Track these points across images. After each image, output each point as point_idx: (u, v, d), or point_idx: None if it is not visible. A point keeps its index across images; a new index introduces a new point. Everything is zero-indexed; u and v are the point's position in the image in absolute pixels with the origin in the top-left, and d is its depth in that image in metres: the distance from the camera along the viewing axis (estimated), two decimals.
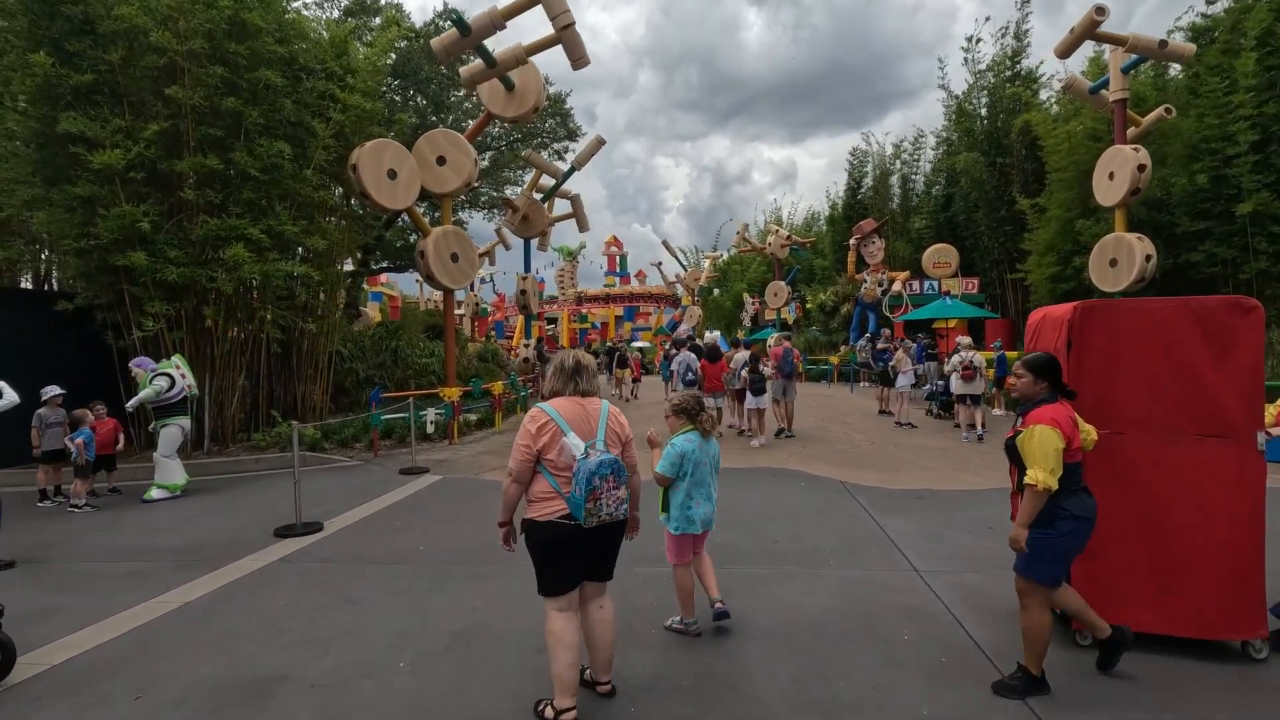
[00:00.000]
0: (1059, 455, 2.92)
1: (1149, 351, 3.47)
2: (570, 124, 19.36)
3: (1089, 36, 12.67)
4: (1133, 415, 3.50)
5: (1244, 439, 3.38)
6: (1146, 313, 3.51)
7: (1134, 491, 3.49)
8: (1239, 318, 3.38)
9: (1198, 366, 3.41)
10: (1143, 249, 12.59)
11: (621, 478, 2.82)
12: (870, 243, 24.51)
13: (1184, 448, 3.44)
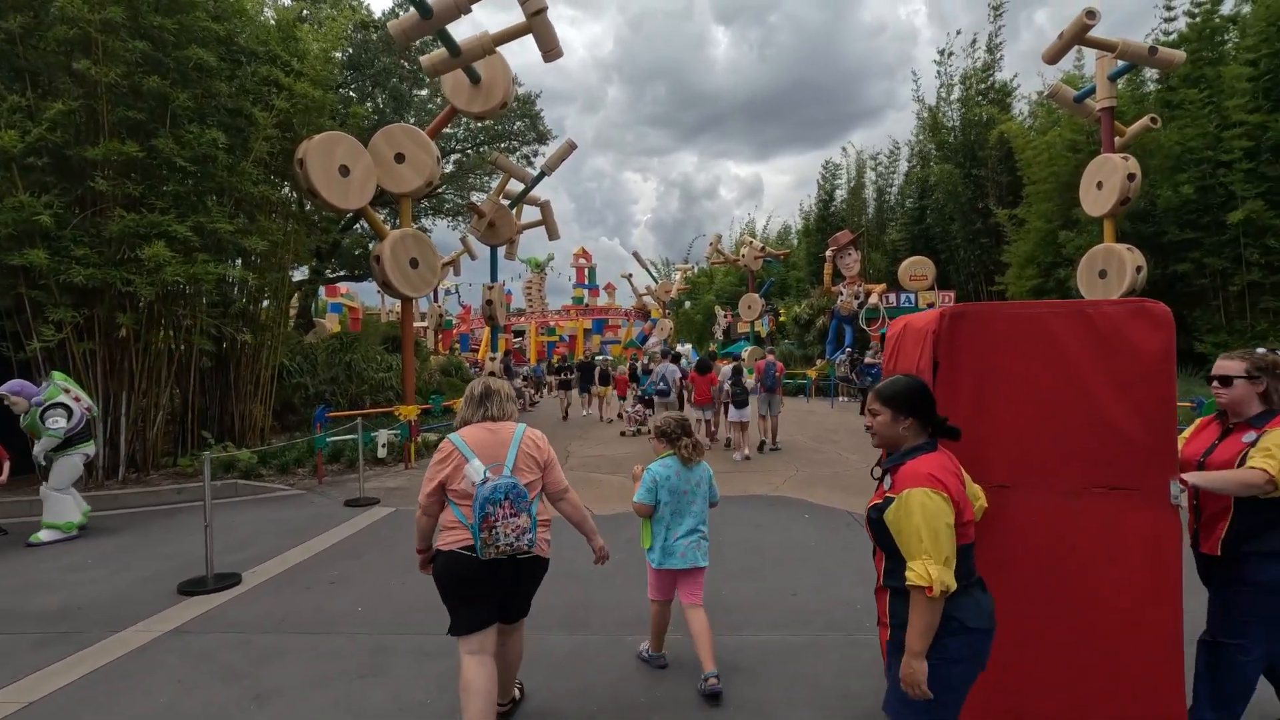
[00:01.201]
0: (951, 534, 1.95)
1: (1038, 374, 2.60)
2: (540, 126, 18.49)
3: (1078, 41, 12.32)
4: (1019, 462, 2.60)
5: (1154, 491, 2.54)
6: (1033, 322, 2.61)
7: (1024, 570, 2.56)
8: (1148, 330, 2.53)
9: (1097, 395, 2.55)
10: (1133, 260, 12.21)
11: (520, 504, 2.61)
12: (846, 255, 24.09)
13: (1083, 505, 2.56)
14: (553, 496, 2.95)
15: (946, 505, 1.95)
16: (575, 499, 3.01)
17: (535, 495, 2.80)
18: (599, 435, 13.64)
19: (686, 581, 3.39)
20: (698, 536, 3.40)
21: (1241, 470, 2.44)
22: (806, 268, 31.08)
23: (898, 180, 29.02)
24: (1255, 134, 12.42)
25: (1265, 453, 2.41)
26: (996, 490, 2.55)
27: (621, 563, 4.47)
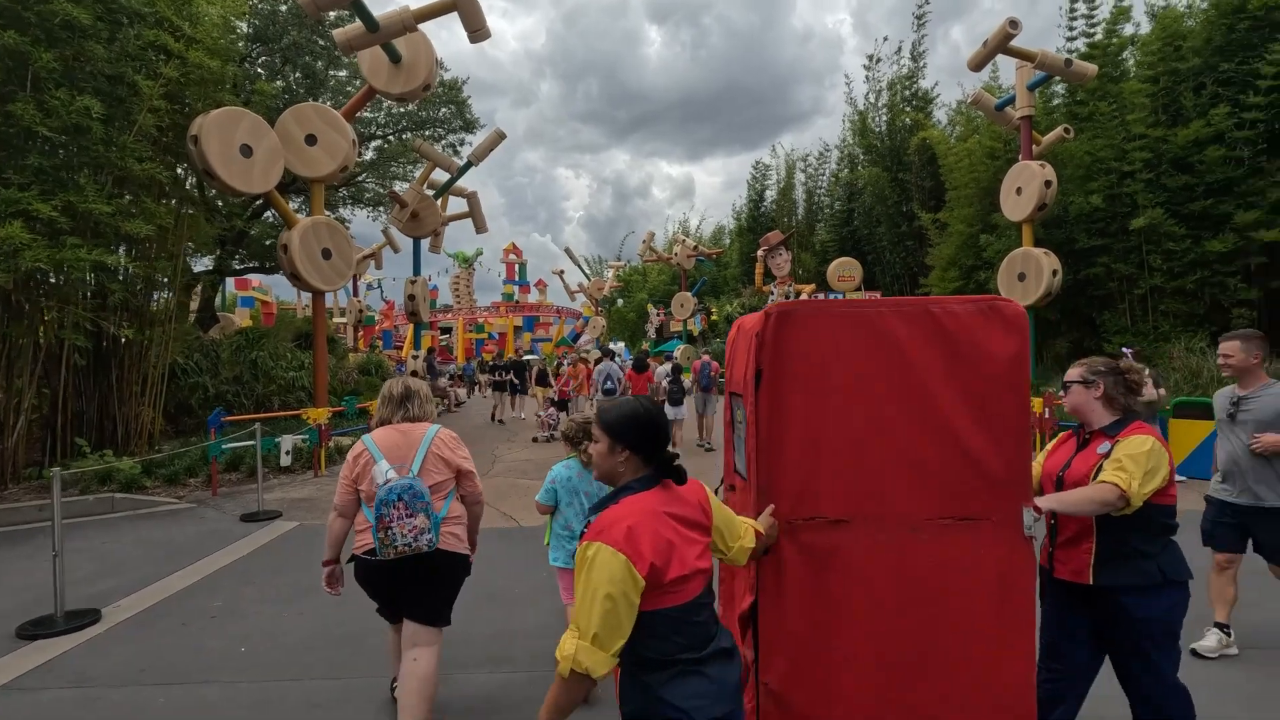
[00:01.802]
0: (616, 608, 1.52)
1: (877, 385, 2.18)
2: (467, 114, 17.68)
3: (1002, 50, 12.70)
4: (855, 491, 2.19)
5: (1006, 521, 2.17)
6: (871, 323, 2.18)
7: (864, 620, 2.16)
8: (999, 333, 2.16)
9: (944, 409, 2.17)
10: (1050, 264, 12.69)
11: (416, 505, 2.62)
12: (777, 254, 24.31)
13: (927, 541, 2.17)
14: (468, 501, 2.97)
15: (625, 572, 1.53)
16: (479, 514, 3.04)
17: (446, 495, 2.83)
18: (528, 438, 13.09)
19: None
20: None
21: (1093, 486, 2.29)
22: (739, 267, 31.31)
23: (826, 182, 29.62)
24: (1155, 146, 13.13)
25: (1117, 465, 2.27)
26: (830, 527, 2.16)
27: (547, 582, 4.05)
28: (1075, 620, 2.50)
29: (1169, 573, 2.35)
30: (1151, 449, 2.28)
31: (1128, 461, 2.25)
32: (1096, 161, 13.87)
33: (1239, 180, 12.42)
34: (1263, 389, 3.59)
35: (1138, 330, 13.36)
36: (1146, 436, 2.32)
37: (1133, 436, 2.34)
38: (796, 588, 2.14)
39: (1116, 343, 13.49)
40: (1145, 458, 2.26)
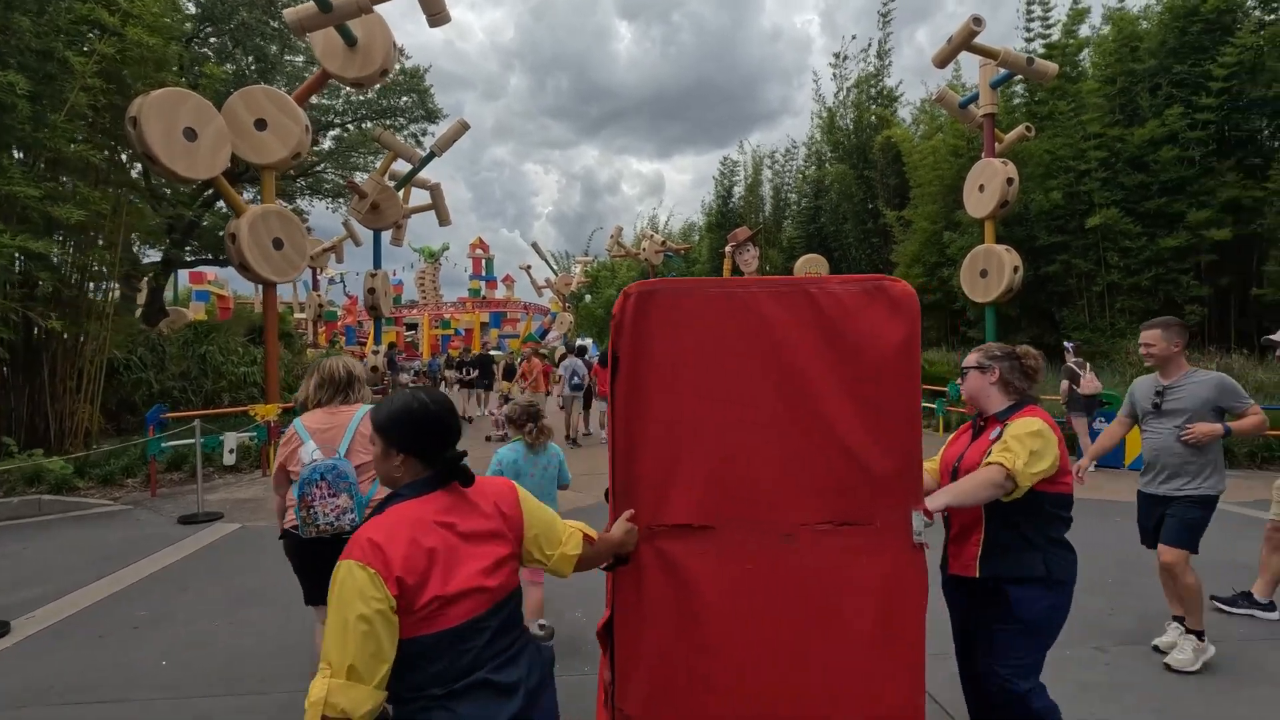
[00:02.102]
0: (371, 629, 1.30)
1: (749, 373, 1.94)
2: (430, 103, 17.23)
3: (965, 47, 12.81)
4: (722, 493, 1.94)
5: (893, 525, 1.94)
6: (743, 304, 1.93)
7: (730, 641, 1.91)
8: (885, 316, 1.92)
9: (823, 400, 1.93)
10: (1011, 260, 12.85)
11: (340, 485, 2.66)
12: (745, 250, 24.25)
13: (803, 549, 1.93)
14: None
15: (372, 586, 1.30)
16: None
17: (374, 477, 2.80)
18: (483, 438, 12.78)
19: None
20: None
21: (979, 470, 2.17)
22: (709, 263, 31.27)
23: (793, 178, 29.73)
24: (1112, 145, 13.38)
25: (1003, 446, 2.17)
26: (695, 534, 1.91)
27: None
28: (975, 618, 2.40)
29: (1053, 569, 2.24)
30: (1039, 430, 2.18)
31: (1013, 442, 2.15)
32: (1056, 160, 14.10)
33: (1191, 180, 12.73)
34: (1186, 377, 3.53)
35: (1095, 326, 13.61)
36: (1035, 418, 2.22)
37: (1020, 418, 2.25)
38: (657, 602, 1.89)
39: (1076, 338, 13.75)
40: (1031, 438, 2.15)
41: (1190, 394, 3.47)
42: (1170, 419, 3.51)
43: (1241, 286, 13.37)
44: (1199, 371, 3.54)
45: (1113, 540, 5.42)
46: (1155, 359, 3.57)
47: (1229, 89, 12.37)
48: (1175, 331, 3.52)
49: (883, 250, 22.15)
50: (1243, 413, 3.43)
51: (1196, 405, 3.44)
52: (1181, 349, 3.55)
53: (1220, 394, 3.42)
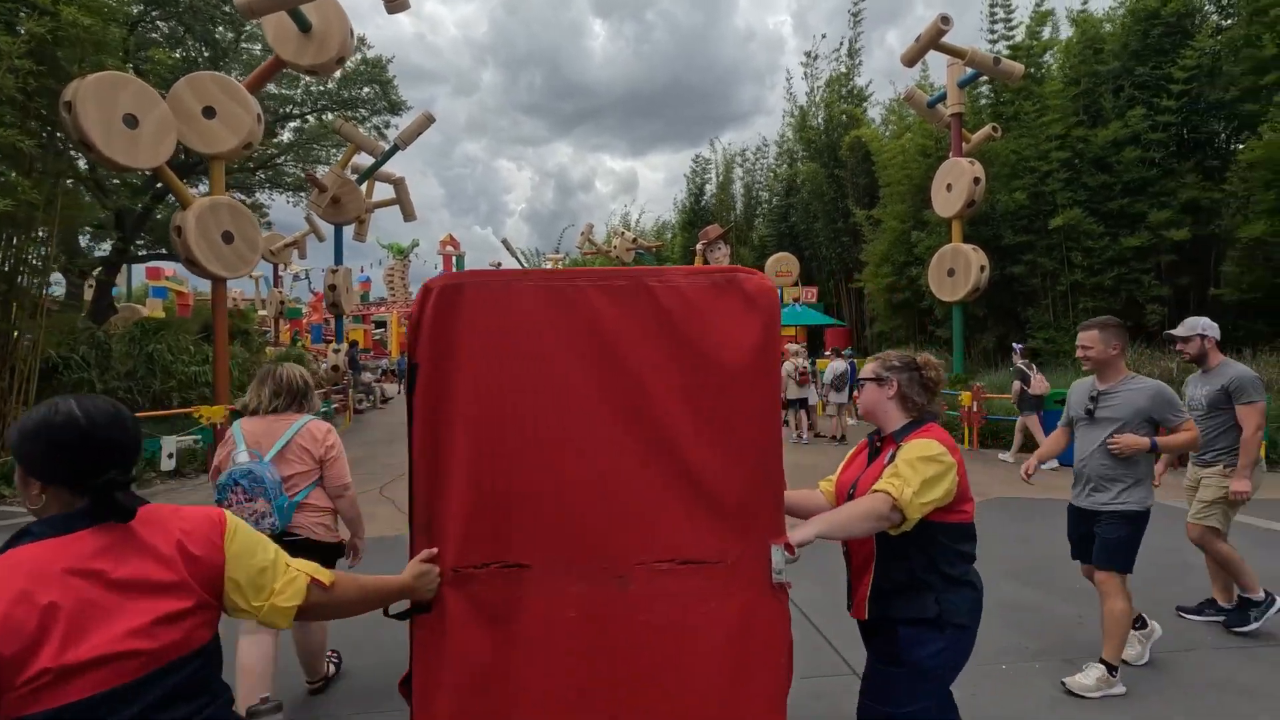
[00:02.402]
0: None
1: (574, 384, 1.63)
2: (393, 95, 16.79)
3: (933, 46, 12.83)
4: (540, 527, 1.62)
5: (746, 562, 1.63)
6: (568, 301, 1.63)
7: (553, 695, 1.61)
8: (738, 313, 1.64)
9: (663, 414, 1.63)
10: (978, 259, 12.93)
11: (256, 490, 2.69)
12: (716, 249, 24.21)
13: (638, 593, 1.62)
14: (331, 493, 2.98)
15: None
16: (352, 498, 3.06)
17: (307, 484, 2.88)
18: None
19: None
20: None
21: (863, 499, 1.84)
22: (682, 261, 31.17)
23: (764, 177, 29.78)
24: (1075, 146, 13.53)
25: (892, 471, 1.84)
26: (509, 576, 1.60)
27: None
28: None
29: (948, 611, 1.91)
30: (935, 454, 1.85)
31: (904, 467, 1.83)
32: (1021, 160, 14.21)
33: (1152, 181, 12.91)
34: (1122, 384, 3.23)
35: (1059, 326, 13.75)
36: (931, 440, 1.91)
37: (916, 439, 1.93)
38: (462, 656, 1.59)
39: (1040, 338, 13.88)
40: (925, 463, 1.83)
41: (1125, 402, 3.18)
42: (1102, 428, 3.23)
43: (1200, 287, 13.62)
44: (1137, 378, 3.24)
45: None
46: (1092, 362, 3.27)
47: (1189, 91, 12.57)
48: (1114, 333, 3.22)
49: (852, 249, 22.24)
50: (1176, 426, 3.13)
51: (1129, 415, 3.15)
52: (1121, 352, 3.25)
53: (1154, 404, 3.13)
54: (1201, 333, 3.79)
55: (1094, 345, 3.23)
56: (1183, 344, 3.88)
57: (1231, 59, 12.44)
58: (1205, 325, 3.81)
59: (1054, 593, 4.43)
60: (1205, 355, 3.83)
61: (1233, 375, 3.69)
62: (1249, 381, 3.65)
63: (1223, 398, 3.69)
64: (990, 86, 16.23)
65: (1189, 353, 3.86)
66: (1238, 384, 3.64)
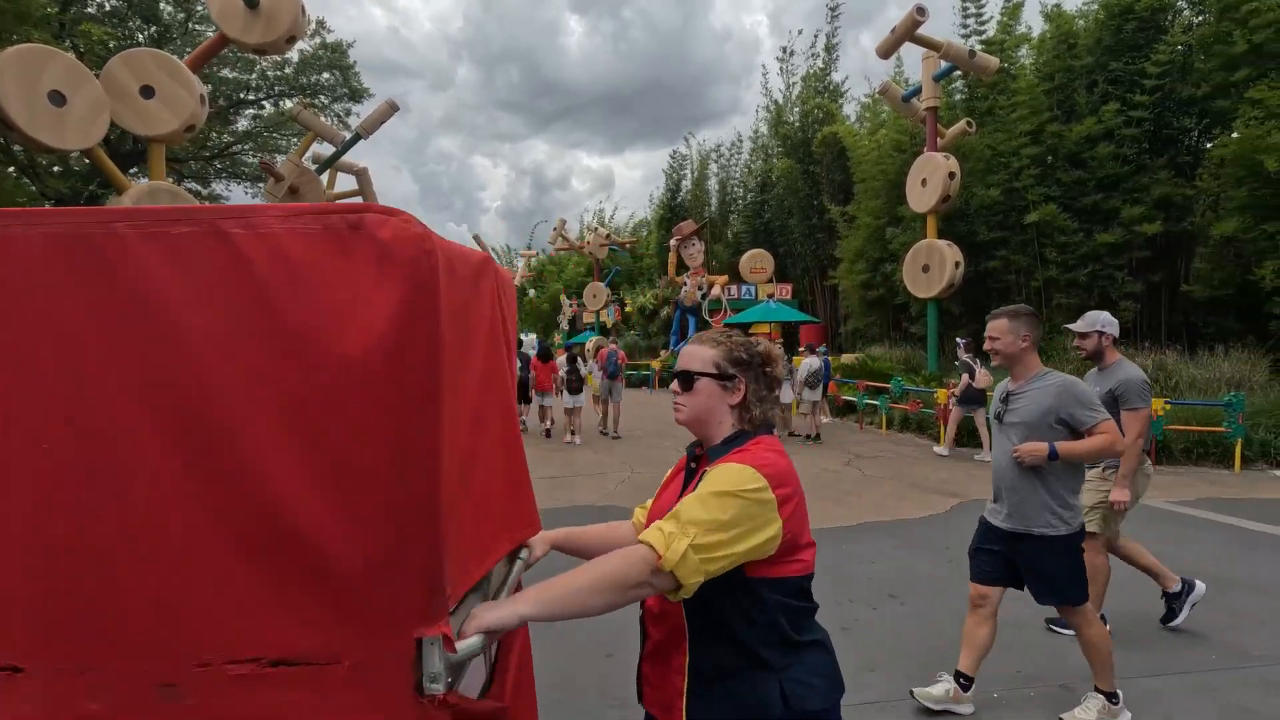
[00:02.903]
0: None
1: (104, 384, 1.01)
2: (354, 82, 16.15)
3: (909, 37, 12.64)
4: (41, 607, 1.03)
5: (375, 664, 1.04)
6: (98, 258, 1.00)
7: None
8: (368, 274, 1.01)
9: (242, 432, 1.01)
10: (953, 255, 12.77)
11: None
12: (690, 245, 23.93)
13: (200, 709, 1.03)
14: None
15: None
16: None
17: None
18: None
19: None
20: None
21: (614, 555, 1.22)
22: (657, 257, 30.83)
23: (739, 173, 29.55)
24: (1049, 141, 13.44)
25: (672, 514, 1.24)
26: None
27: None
28: None
29: (794, 698, 1.30)
30: (744, 489, 1.24)
31: (692, 505, 1.24)
32: (995, 156, 14.09)
33: (1125, 177, 12.86)
34: (1031, 381, 2.81)
35: None
36: (746, 466, 1.28)
37: (727, 464, 1.30)
38: None
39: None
40: (725, 501, 1.22)
41: (1032, 402, 2.76)
42: (1011, 434, 2.81)
43: (1171, 283, 13.63)
44: (1050, 374, 2.80)
45: None
46: (1000, 356, 2.85)
47: (1162, 87, 12.53)
48: (1025, 322, 2.79)
49: (827, 245, 22.10)
50: (1091, 428, 2.68)
51: (1036, 417, 2.73)
52: (1032, 344, 2.82)
53: (1062, 401, 2.69)
54: (1100, 329, 3.52)
55: (1001, 336, 2.81)
56: (1080, 339, 3.63)
57: (1202, 56, 12.43)
58: (1105, 321, 3.54)
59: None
60: (1102, 353, 3.59)
61: (1121, 378, 3.44)
62: (1135, 387, 3.41)
63: (1110, 400, 3.45)
64: (964, 81, 16.13)
65: (1086, 349, 3.61)
66: (1124, 388, 3.40)
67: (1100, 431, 2.66)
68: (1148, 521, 5.98)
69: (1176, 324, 13.51)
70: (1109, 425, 2.68)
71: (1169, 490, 7.25)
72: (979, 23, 15.27)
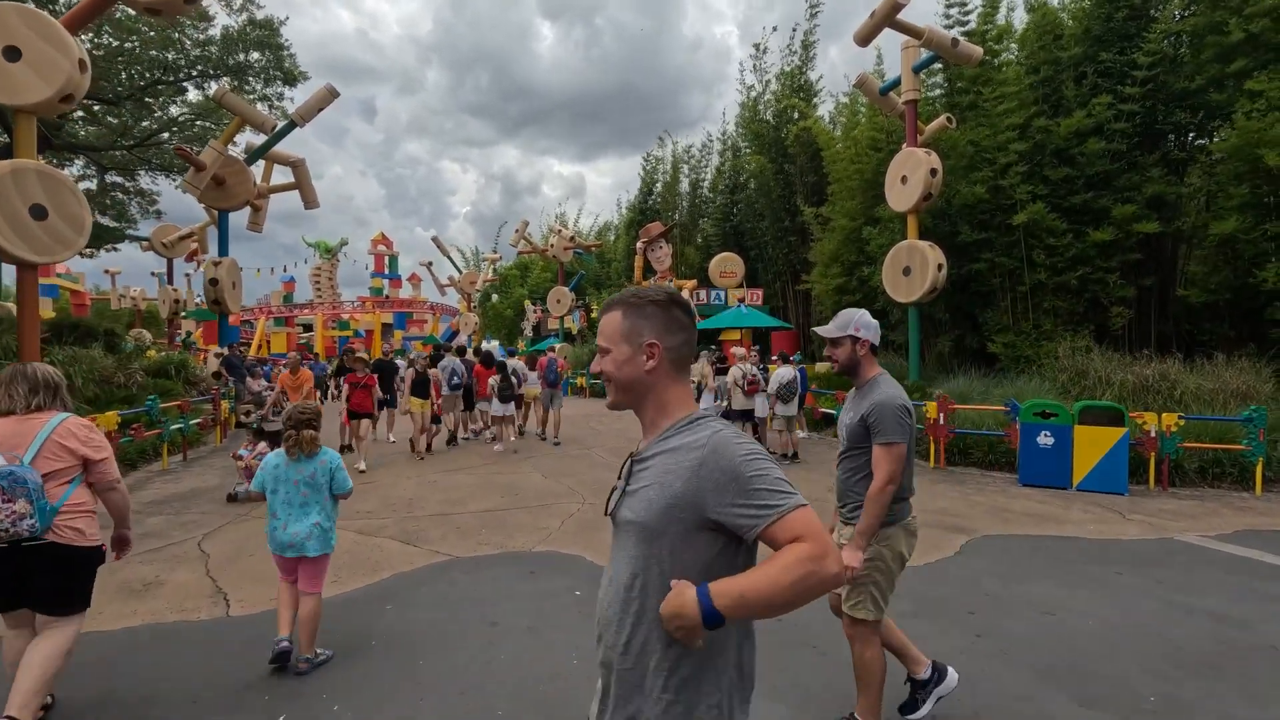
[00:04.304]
0: None
1: None
2: (287, 63, 14.72)
3: (889, 23, 11.75)
4: None
5: None
6: None
7: None
8: None
9: None
10: (935, 257, 11.90)
11: (16, 490, 2.63)
12: (657, 248, 22.87)
13: None
14: (100, 489, 2.95)
15: None
16: (124, 490, 3.04)
17: (68, 482, 2.83)
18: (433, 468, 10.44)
19: (305, 570, 3.48)
20: (315, 528, 3.44)
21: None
22: (624, 261, 29.72)
23: (710, 175, 28.67)
24: (1037, 137, 12.67)
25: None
26: None
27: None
28: None
29: None
30: None
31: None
32: (979, 152, 13.29)
33: (1116, 175, 12.13)
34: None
35: (1019, 330, 12.85)
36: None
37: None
38: None
39: (1000, 342, 12.95)
40: None
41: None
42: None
43: (1162, 288, 12.95)
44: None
45: (1100, 602, 4.08)
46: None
47: (1154, 78, 11.83)
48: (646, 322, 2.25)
49: (800, 249, 21.25)
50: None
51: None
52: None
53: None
54: (853, 333, 2.69)
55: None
56: (831, 348, 2.75)
57: (1195, 47, 11.77)
58: (860, 322, 2.69)
59: (1118, 706, 3.06)
60: (857, 365, 2.72)
61: (874, 402, 2.61)
62: (892, 414, 2.55)
63: (862, 431, 2.63)
64: (944, 76, 15.36)
65: (837, 359, 2.73)
66: (876, 414, 2.58)
67: (879, 464, 2.53)
68: (1189, 565, 5.01)
69: (1168, 331, 12.81)
70: (882, 456, 2.51)
71: (1198, 521, 6.33)
72: (962, 13, 14.50)
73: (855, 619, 2.63)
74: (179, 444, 10.11)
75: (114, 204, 19.23)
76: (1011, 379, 11.51)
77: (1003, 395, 10.10)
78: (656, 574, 1.25)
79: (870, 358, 2.74)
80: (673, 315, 1.39)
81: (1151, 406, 8.87)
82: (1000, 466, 8.79)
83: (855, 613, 2.63)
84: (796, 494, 1.20)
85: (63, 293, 33.59)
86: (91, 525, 2.90)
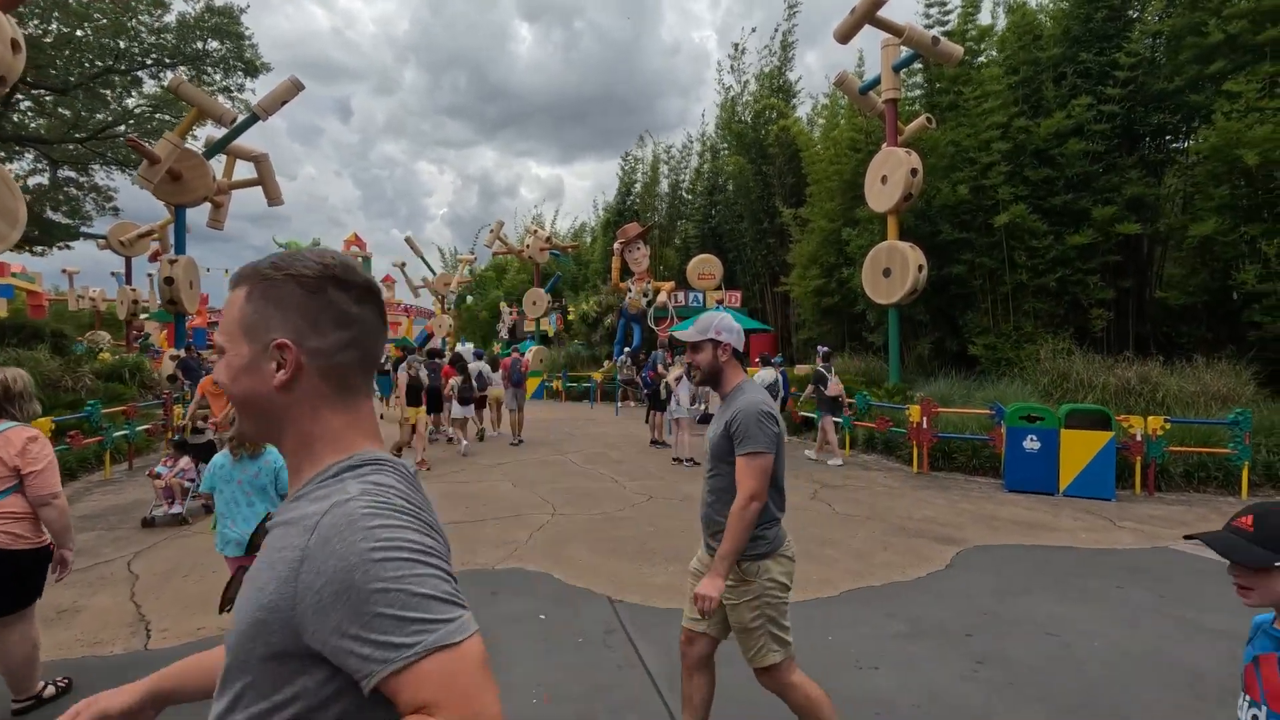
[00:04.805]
0: None
1: None
2: (248, 53, 14.11)
3: (869, 19, 11.55)
4: None
5: None
6: None
7: None
8: None
9: None
10: (915, 258, 11.72)
11: None
12: (635, 249, 22.53)
13: None
14: (35, 502, 2.89)
15: None
16: (62, 506, 2.95)
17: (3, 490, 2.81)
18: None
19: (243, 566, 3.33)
20: (249, 526, 3.35)
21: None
22: (602, 263, 29.36)
23: (689, 176, 28.42)
24: (1017, 138, 12.57)
25: None
26: None
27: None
28: None
29: None
30: None
31: None
32: (960, 152, 13.16)
33: (1096, 176, 12.06)
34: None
35: (1000, 331, 12.72)
36: None
37: None
38: None
39: (980, 344, 12.81)
40: None
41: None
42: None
43: (1139, 290, 12.92)
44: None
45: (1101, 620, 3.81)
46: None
47: (1134, 79, 11.78)
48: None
49: (779, 251, 21.07)
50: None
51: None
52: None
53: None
54: (714, 337, 2.41)
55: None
56: (691, 353, 2.46)
57: (1173, 48, 11.75)
58: (721, 325, 2.42)
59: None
60: (719, 372, 2.45)
61: (737, 408, 2.33)
62: (754, 420, 2.27)
63: (726, 443, 2.34)
64: (924, 76, 15.26)
65: (699, 365, 2.45)
66: (738, 422, 2.29)
67: (742, 482, 2.25)
68: (1188, 577, 4.77)
69: (1146, 333, 12.77)
70: (747, 473, 2.24)
71: (1188, 527, 6.11)
72: (942, 13, 14.39)
73: (764, 668, 2.33)
74: (125, 452, 9.51)
75: (67, 200, 18.39)
76: (993, 382, 11.34)
77: (984, 398, 9.92)
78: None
79: (734, 364, 2.45)
80: (327, 300, 0.87)
81: (1134, 409, 8.74)
82: (985, 471, 8.57)
83: (762, 662, 2.32)
84: (453, 618, 0.73)
85: (18, 293, 32.32)
86: (32, 528, 2.91)
